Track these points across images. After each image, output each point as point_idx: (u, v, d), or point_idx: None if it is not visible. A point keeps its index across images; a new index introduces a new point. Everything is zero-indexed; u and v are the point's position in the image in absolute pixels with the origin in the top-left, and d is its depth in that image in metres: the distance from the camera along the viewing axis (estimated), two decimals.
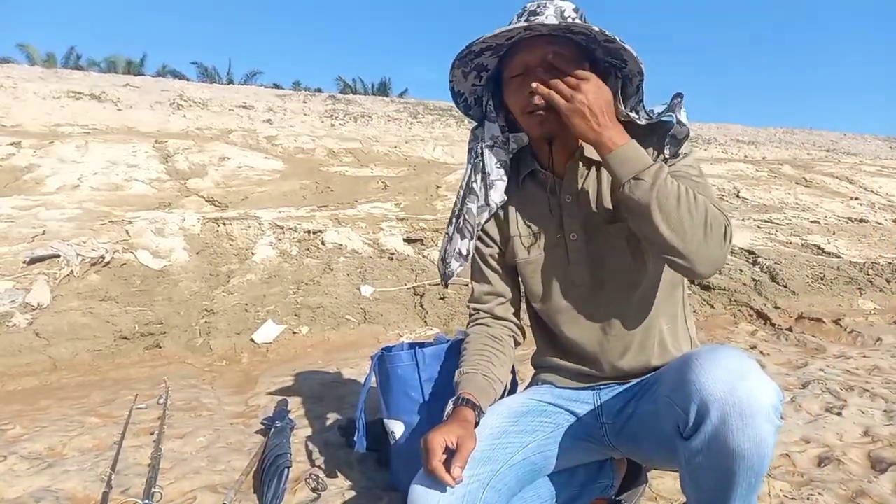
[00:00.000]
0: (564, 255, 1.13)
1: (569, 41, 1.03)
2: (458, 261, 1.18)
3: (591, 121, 0.95)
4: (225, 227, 4.30)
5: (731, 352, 0.87)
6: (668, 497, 1.40)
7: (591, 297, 1.13)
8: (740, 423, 0.81)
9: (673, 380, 0.93)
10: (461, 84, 1.13)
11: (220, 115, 11.12)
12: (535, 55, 1.02)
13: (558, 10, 1.02)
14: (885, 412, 1.89)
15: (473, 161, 1.16)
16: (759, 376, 0.84)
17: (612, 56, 1.02)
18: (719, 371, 0.84)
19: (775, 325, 3.23)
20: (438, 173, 7.05)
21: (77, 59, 19.37)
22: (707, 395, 0.83)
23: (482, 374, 1.10)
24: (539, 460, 1.08)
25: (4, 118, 8.32)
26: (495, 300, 1.22)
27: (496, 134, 1.14)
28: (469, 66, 1.09)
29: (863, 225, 5.63)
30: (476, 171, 1.15)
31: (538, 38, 1.01)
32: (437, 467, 0.88)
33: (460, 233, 1.17)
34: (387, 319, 3.17)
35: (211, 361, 2.73)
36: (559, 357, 1.21)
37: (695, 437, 0.85)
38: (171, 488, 1.44)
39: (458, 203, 1.19)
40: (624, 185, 0.95)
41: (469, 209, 1.16)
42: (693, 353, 0.91)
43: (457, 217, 1.18)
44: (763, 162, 9.91)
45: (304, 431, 1.83)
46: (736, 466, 0.83)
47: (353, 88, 22.64)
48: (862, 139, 17.94)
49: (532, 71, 1.03)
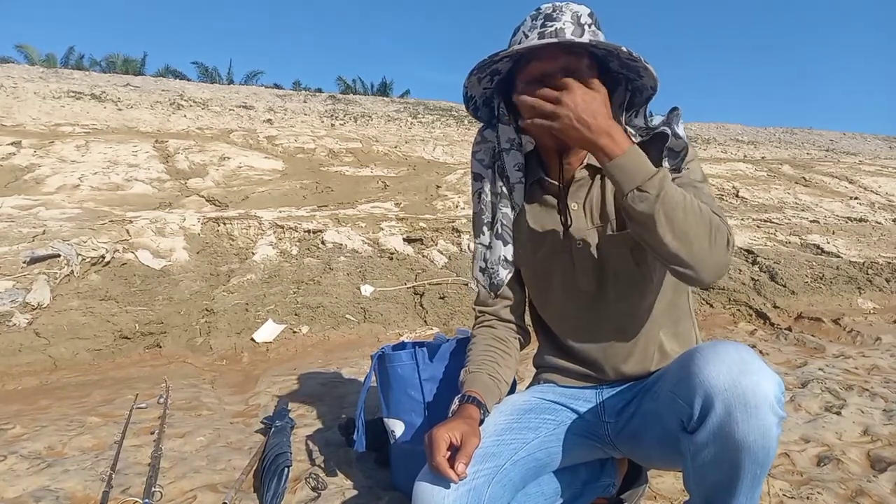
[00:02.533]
0: (570, 261, 1.13)
1: (585, 51, 1.01)
2: (505, 268, 1.15)
3: (581, 130, 0.91)
4: (225, 226, 4.30)
5: (733, 345, 0.88)
6: (669, 496, 1.40)
7: (594, 304, 1.13)
8: (745, 414, 0.81)
9: (676, 375, 0.93)
10: (474, 89, 1.11)
11: (221, 115, 11.13)
12: (551, 65, 1.00)
13: (575, 16, 1.00)
14: (885, 411, 1.89)
15: (494, 165, 1.15)
16: (762, 368, 0.84)
17: (628, 70, 1.01)
18: (722, 364, 0.84)
19: (774, 325, 3.23)
20: (438, 173, 7.06)
21: (78, 59, 19.36)
22: (711, 388, 0.84)
23: (487, 373, 1.11)
24: (542, 457, 1.09)
25: (5, 118, 8.32)
26: (501, 303, 1.22)
27: (512, 136, 1.13)
28: (485, 72, 1.07)
29: (862, 224, 5.64)
30: (501, 176, 1.14)
31: (554, 47, 0.99)
32: (442, 463, 0.88)
33: (501, 239, 1.14)
34: (387, 319, 3.18)
35: (211, 361, 2.73)
36: (561, 358, 1.22)
37: (700, 430, 0.86)
38: (171, 487, 1.44)
39: (485, 210, 1.16)
40: (627, 195, 0.91)
41: (505, 213, 1.14)
42: (695, 349, 0.91)
43: (490, 224, 1.16)
44: (762, 161, 9.91)
45: (304, 431, 1.83)
46: (741, 459, 0.84)
47: (354, 89, 22.62)
48: (862, 139, 17.95)
49: (548, 80, 1.00)
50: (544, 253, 1.16)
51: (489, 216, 1.16)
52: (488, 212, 1.16)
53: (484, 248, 1.18)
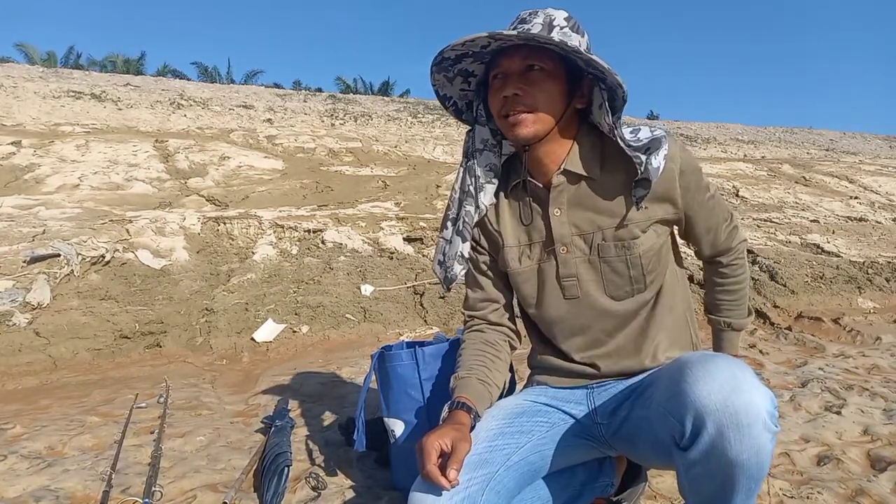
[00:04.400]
0: (554, 266, 1.13)
1: (550, 52, 1.03)
2: (461, 264, 1.18)
3: None
4: (225, 226, 4.30)
5: (724, 360, 0.86)
6: (668, 496, 1.40)
7: (580, 308, 1.13)
8: (737, 433, 0.80)
9: (666, 389, 0.92)
10: (447, 88, 1.15)
11: (221, 115, 11.13)
12: (515, 62, 1.03)
13: (547, 19, 1.03)
14: (885, 411, 1.89)
15: (467, 164, 1.17)
16: (753, 385, 0.83)
17: (593, 68, 1.02)
18: (713, 382, 0.83)
19: (774, 324, 3.23)
20: (438, 173, 7.06)
21: (77, 59, 19.36)
22: (702, 408, 0.83)
23: (477, 377, 1.10)
24: (537, 460, 1.08)
25: (5, 117, 8.32)
26: (489, 306, 1.22)
27: (486, 137, 1.15)
28: (452, 72, 1.10)
29: (862, 224, 5.63)
30: (471, 175, 1.16)
31: (521, 46, 1.02)
32: (432, 470, 0.87)
33: (461, 236, 1.17)
34: (387, 318, 3.18)
35: (211, 360, 2.73)
36: (552, 359, 1.21)
37: (692, 448, 0.85)
38: (171, 487, 1.44)
39: (452, 206, 1.19)
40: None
41: (468, 212, 1.16)
42: (685, 363, 0.89)
43: (454, 220, 1.18)
44: (762, 161, 9.91)
45: (304, 430, 1.83)
46: (735, 475, 0.83)
47: (354, 88, 22.59)
48: (862, 138, 17.94)
49: (509, 76, 1.04)
50: (529, 257, 1.16)
51: (454, 212, 1.18)
52: (454, 207, 1.18)
53: (445, 242, 1.20)
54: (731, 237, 1.19)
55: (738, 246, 1.21)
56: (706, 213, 1.13)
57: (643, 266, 1.08)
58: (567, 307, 1.14)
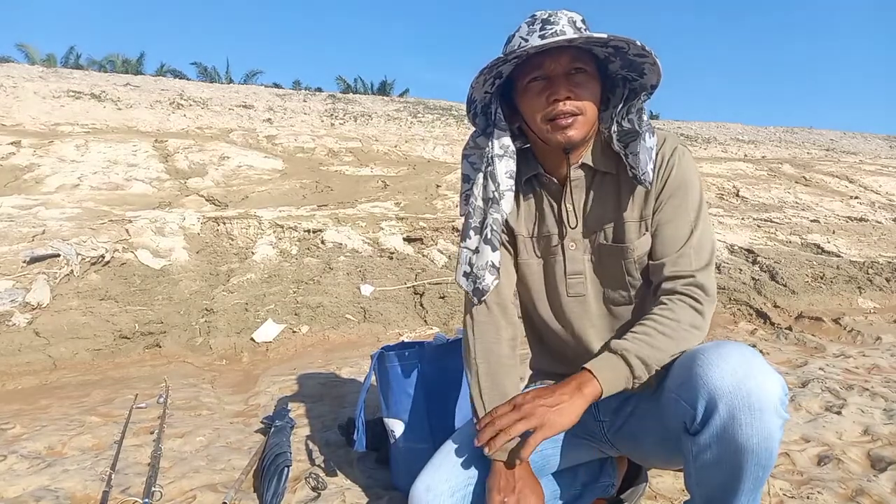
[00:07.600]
0: (562, 262, 1.13)
1: (589, 53, 1.01)
2: (492, 273, 1.11)
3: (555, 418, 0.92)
4: (225, 226, 4.30)
5: (737, 346, 0.88)
6: (669, 496, 1.40)
7: (585, 307, 1.13)
8: (749, 417, 0.82)
9: (678, 376, 0.93)
10: (478, 91, 1.07)
11: (220, 115, 11.13)
12: (561, 64, 1.00)
13: (571, 21, 1.00)
14: (885, 411, 1.89)
15: (486, 170, 1.11)
16: (766, 370, 0.84)
17: (630, 69, 1.01)
18: (727, 366, 0.84)
19: (775, 324, 3.23)
20: (438, 172, 7.05)
21: (77, 59, 19.35)
22: (715, 390, 0.84)
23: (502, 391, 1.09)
24: (538, 460, 1.08)
25: (4, 118, 8.32)
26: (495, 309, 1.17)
27: (507, 143, 1.09)
28: (493, 72, 1.04)
29: (862, 224, 5.63)
30: (492, 181, 1.10)
31: (567, 48, 0.99)
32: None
33: (490, 244, 1.10)
34: (387, 318, 3.18)
35: (211, 360, 2.73)
36: (554, 360, 1.21)
37: (703, 432, 0.86)
38: (171, 487, 1.44)
39: (473, 215, 1.12)
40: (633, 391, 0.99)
41: (496, 219, 1.10)
42: (698, 350, 0.91)
43: (478, 229, 1.12)
44: (763, 161, 9.91)
45: (304, 430, 1.83)
46: (744, 461, 0.84)
47: (354, 88, 22.57)
48: (862, 138, 17.94)
49: (556, 79, 1.00)
50: (538, 251, 1.15)
51: (477, 220, 1.12)
52: (477, 216, 1.12)
53: (470, 252, 1.13)
54: (691, 261, 1.03)
55: (698, 278, 1.02)
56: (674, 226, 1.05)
57: (639, 270, 1.08)
58: (568, 305, 1.14)
